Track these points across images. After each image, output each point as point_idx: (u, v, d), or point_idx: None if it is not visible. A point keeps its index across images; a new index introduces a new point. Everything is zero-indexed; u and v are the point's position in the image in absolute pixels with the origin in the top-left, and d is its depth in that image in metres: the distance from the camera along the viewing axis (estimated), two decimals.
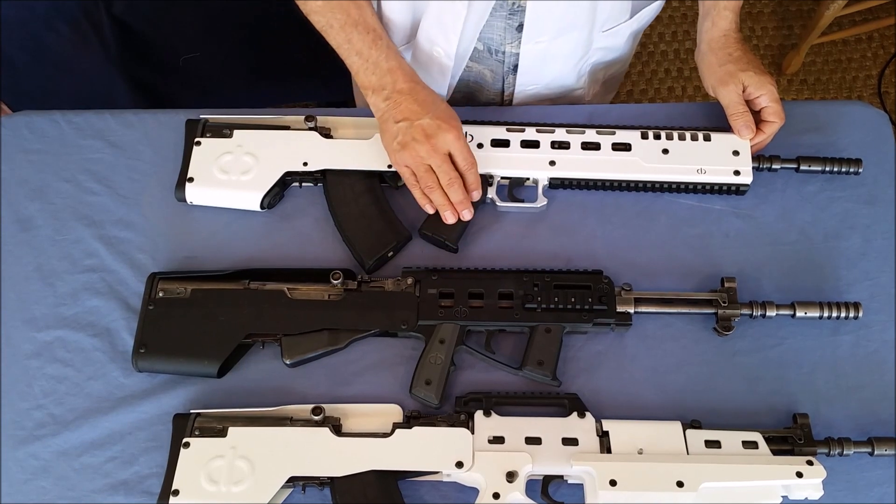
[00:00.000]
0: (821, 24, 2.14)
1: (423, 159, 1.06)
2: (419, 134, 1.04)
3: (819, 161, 1.16)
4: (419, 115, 1.05)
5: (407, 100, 1.05)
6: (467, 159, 1.07)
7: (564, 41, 1.20)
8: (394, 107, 1.06)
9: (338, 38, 1.07)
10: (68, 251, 1.15)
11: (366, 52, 1.06)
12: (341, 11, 1.05)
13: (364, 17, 1.06)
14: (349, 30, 1.06)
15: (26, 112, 1.26)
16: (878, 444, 0.99)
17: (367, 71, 1.07)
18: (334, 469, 0.96)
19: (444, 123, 1.05)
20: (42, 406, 1.06)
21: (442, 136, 1.05)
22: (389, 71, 1.06)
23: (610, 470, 0.95)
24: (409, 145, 1.05)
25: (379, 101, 1.07)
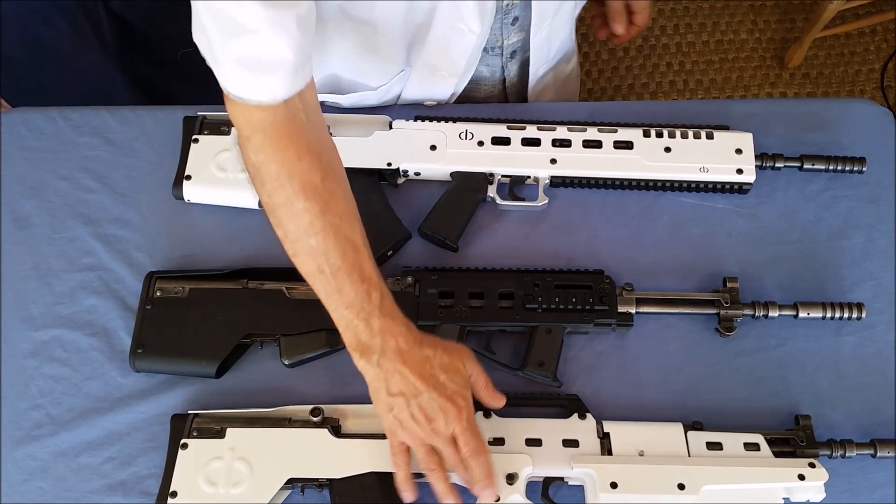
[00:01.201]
0: (823, 17, 2.12)
1: (423, 440, 0.91)
2: (418, 413, 0.89)
3: (822, 159, 1.15)
4: (417, 393, 0.89)
5: (402, 371, 0.89)
6: (470, 444, 0.90)
7: (562, 12, 1.19)
8: (386, 376, 0.90)
9: (327, 287, 0.90)
10: (65, 249, 1.14)
11: (357, 306, 0.89)
12: (338, 255, 0.89)
13: (360, 261, 0.90)
14: (342, 278, 0.89)
15: (23, 109, 1.25)
16: (880, 445, 0.98)
17: (356, 329, 0.90)
18: (333, 470, 0.96)
19: (446, 403, 0.89)
20: (39, 406, 1.05)
21: (443, 420, 0.90)
22: (381, 331, 0.90)
23: (611, 472, 0.95)
24: (408, 424, 0.90)
25: (368, 366, 0.91)
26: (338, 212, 0.90)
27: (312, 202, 0.88)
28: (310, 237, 0.89)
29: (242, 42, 0.84)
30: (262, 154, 0.88)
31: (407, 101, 1.22)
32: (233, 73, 0.86)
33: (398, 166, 1.14)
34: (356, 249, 0.91)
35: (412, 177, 1.16)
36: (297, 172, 0.88)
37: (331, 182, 0.91)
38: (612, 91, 2.30)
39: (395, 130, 1.16)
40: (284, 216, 0.89)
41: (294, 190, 0.88)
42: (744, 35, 2.36)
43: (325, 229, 0.88)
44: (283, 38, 0.84)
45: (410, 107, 1.22)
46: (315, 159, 0.89)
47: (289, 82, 0.87)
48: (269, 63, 0.85)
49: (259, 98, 0.86)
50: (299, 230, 0.89)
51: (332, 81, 1.20)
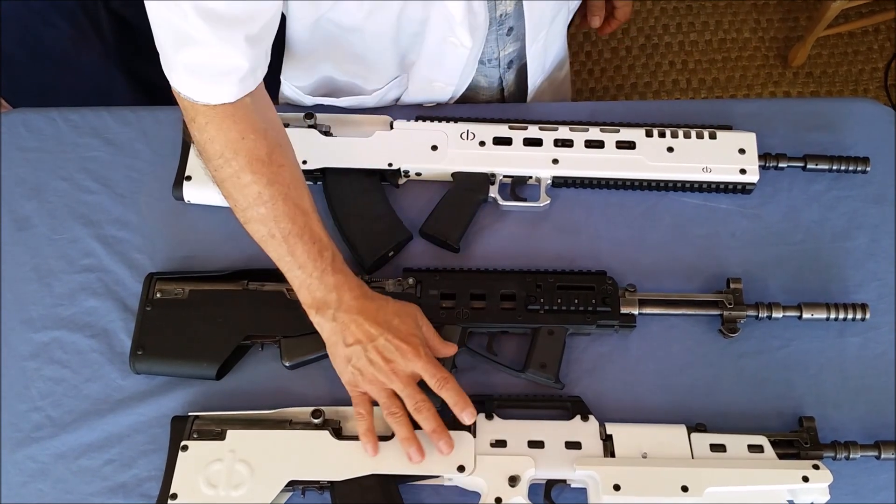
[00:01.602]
0: (827, 16, 2.12)
1: (384, 384, 0.94)
2: (376, 357, 0.93)
3: (826, 159, 1.14)
4: (373, 337, 0.93)
5: (356, 319, 0.94)
6: (436, 376, 0.94)
7: (557, 22, 1.19)
8: (342, 328, 0.94)
9: (279, 250, 0.94)
10: (65, 251, 1.14)
11: (310, 266, 0.94)
12: (287, 220, 0.93)
13: (310, 224, 0.94)
14: (293, 241, 0.93)
15: (23, 109, 1.24)
16: (884, 447, 0.98)
17: (310, 287, 0.95)
18: (334, 473, 0.95)
19: (403, 343, 0.93)
20: (39, 408, 1.05)
21: (402, 359, 0.93)
22: (335, 286, 0.94)
23: (613, 474, 0.94)
24: (366, 371, 0.94)
25: (324, 321, 0.95)
26: (284, 181, 0.93)
27: (259, 174, 0.92)
28: (259, 206, 0.93)
29: (191, 52, 0.87)
30: (206, 134, 0.92)
31: (406, 103, 1.22)
32: (182, 77, 0.89)
33: (399, 166, 1.14)
34: (305, 213, 0.95)
35: (413, 177, 1.16)
36: (241, 149, 0.91)
37: (277, 155, 0.94)
38: (615, 90, 2.29)
39: (397, 131, 1.15)
40: (232, 188, 0.93)
41: (240, 165, 0.91)
42: (747, 34, 2.35)
43: (274, 197, 0.92)
44: (232, 51, 0.88)
45: (411, 107, 1.21)
46: (260, 136, 0.92)
47: (237, 88, 0.90)
48: (218, 72, 0.88)
49: (207, 101, 0.89)
50: (248, 200, 0.93)
51: (328, 83, 1.19)
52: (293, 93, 1.22)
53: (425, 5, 1.03)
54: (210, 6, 0.84)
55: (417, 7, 1.03)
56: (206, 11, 0.84)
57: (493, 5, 1.08)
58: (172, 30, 0.87)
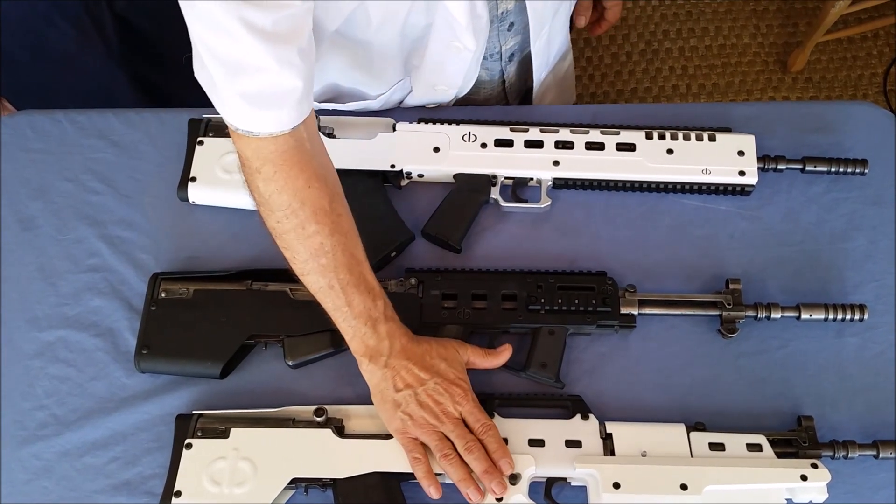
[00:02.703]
0: (826, 21, 2.13)
1: (435, 427, 0.94)
2: (427, 400, 0.94)
3: (825, 161, 1.15)
4: (423, 381, 0.95)
5: (407, 366, 0.95)
6: (480, 421, 0.95)
7: (559, 15, 1.20)
8: (393, 374, 0.95)
9: (337, 302, 0.94)
10: (70, 251, 1.14)
11: (364, 316, 0.94)
12: (345, 271, 0.93)
13: (364, 274, 0.95)
14: (351, 291, 0.94)
15: (28, 111, 1.25)
16: (882, 447, 0.98)
17: (364, 336, 0.95)
18: (337, 470, 0.96)
19: (452, 386, 0.95)
20: (44, 406, 1.06)
21: (451, 402, 0.95)
22: (388, 335, 0.95)
23: (613, 472, 0.95)
24: (417, 414, 0.94)
25: (376, 368, 0.96)
26: (344, 230, 0.94)
27: (322, 225, 0.92)
28: (320, 257, 0.92)
29: (248, 79, 0.85)
30: (273, 185, 0.90)
31: (408, 106, 1.23)
32: (239, 108, 0.87)
33: (401, 168, 1.15)
34: (360, 263, 0.95)
35: (415, 179, 1.17)
36: (307, 199, 0.91)
37: (337, 204, 0.94)
38: (615, 95, 2.30)
39: (399, 133, 1.16)
40: (295, 240, 0.93)
41: (306, 216, 0.91)
42: (746, 39, 2.36)
43: (335, 248, 0.93)
44: (289, 71, 0.86)
45: (414, 109, 1.22)
46: (322, 184, 0.92)
47: (296, 112, 0.88)
48: (276, 96, 0.86)
49: (269, 130, 0.88)
50: (309, 251, 0.93)
51: (332, 89, 1.20)
52: None
53: (429, 11, 1.03)
54: (260, 26, 0.81)
55: (421, 14, 1.04)
56: (259, 31, 0.81)
57: (495, 4, 1.09)
58: (224, 58, 0.84)
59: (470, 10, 1.02)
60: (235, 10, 0.80)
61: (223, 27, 0.81)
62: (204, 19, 0.82)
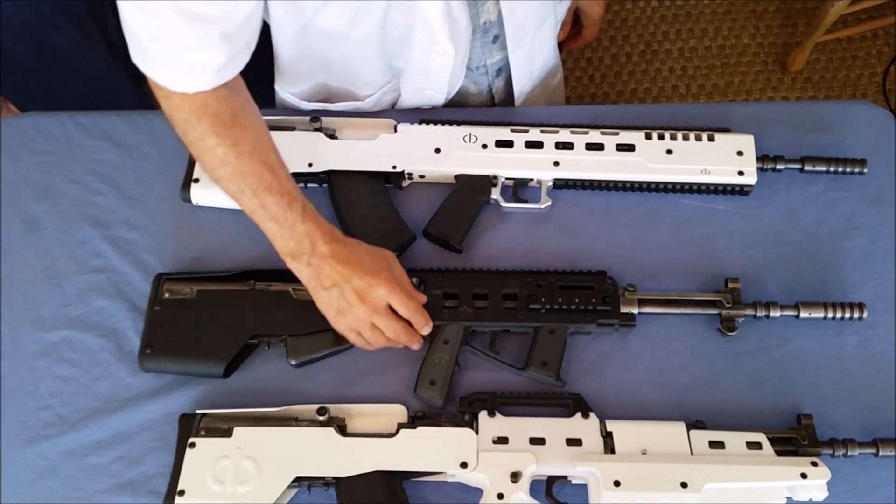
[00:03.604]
0: (825, 21, 2.13)
1: (364, 320, 1.00)
2: (353, 297, 0.99)
3: (823, 161, 1.16)
4: (347, 279, 0.99)
5: (329, 263, 0.99)
6: (407, 305, 1.01)
7: (543, 31, 1.20)
8: (318, 273, 1.00)
9: (251, 204, 0.99)
10: (75, 252, 1.15)
11: (281, 217, 0.98)
12: (253, 177, 0.98)
13: (278, 179, 0.99)
14: (262, 194, 0.98)
15: (32, 113, 1.26)
16: (882, 445, 0.99)
17: (283, 237, 0.99)
18: (339, 469, 0.97)
19: (373, 279, 0.99)
20: (49, 406, 1.06)
21: (375, 294, 0.99)
22: (307, 234, 0.99)
23: (614, 470, 0.95)
24: (347, 311, 1.00)
25: (301, 267, 1.00)
26: (249, 141, 0.98)
27: (223, 137, 0.96)
28: (226, 165, 0.97)
29: (166, 45, 0.92)
30: (172, 101, 0.96)
31: (401, 108, 1.23)
32: (159, 68, 0.94)
33: (403, 169, 1.15)
34: (272, 170, 0.99)
35: (417, 179, 1.18)
36: (204, 115, 0.96)
37: (241, 118, 0.98)
38: (615, 96, 2.30)
39: (401, 134, 1.17)
40: (198, 151, 0.99)
41: (204, 129, 0.96)
42: (745, 40, 2.36)
43: (239, 157, 0.97)
44: (207, 46, 0.92)
45: (414, 111, 1.23)
46: (223, 102, 0.96)
47: (212, 78, 0.95)
48: (193, 63, 0.93)
49: (184, 89, 0.94)
50: (214, 161, 0.98)
51: (322, 89, 1.21)
52: (289, 98, 1.23)
53: (409, 12, 1.04)
54: (186, 6, 0.88)
55: (400, 14, 1.04)
56: (182, 10, 0.88)
57: (476, 13, 1.10)
58: (147, 26, 0.91)
59: (445, 12, 1.03)
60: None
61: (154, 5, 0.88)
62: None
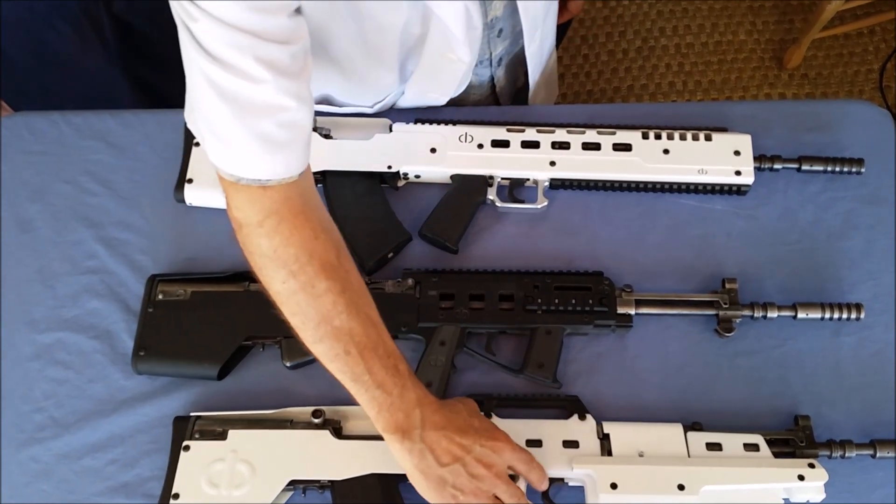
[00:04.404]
0: (822, 18, 2.12)
1: (488, 492, 0.87)
2: (477, 469, 0.86)
3: (821, 161, 1.15)
4: (468, 449, 0.86)
5: (447, 436, 0.86)
6: (525, 461, 0.90)
7: (549, 17, 1.20)
8: (433, 448, 0.86)
9: (356, 370, 0.84)
10: (68, 253, 1.15)
11: (389, 384, 0.85)
12: (362, 333, 0.84)
13: (383, 337, 0.86)
14: (369, 356, 0.84)
15: (26, 113, 1.25)
16: (880, 446, 0.99)
17: (391, 407, 0.85)
18: (335, 472, 0.96)
19: (495, 443, 0.88)
20: (43, 409, 1.06)
21: (500, 459, 0.88)
22: (417, 403, 0.86)
23: (611, 473, 0.95)
24: (470, 485, 0.86)
25: (412, 445, 0.86)
26: (355, 289, 0.86)
27: (333, 281, 0.83)
28: (333, 318, 0.84)
29: (268, 119, 0.78)
30: (279, 237, 0.82)
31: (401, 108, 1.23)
32: (250, 153, 0.79)
33: (398, 169, 1.15)
34: (376, 325, 0.87)
35: (412, 179, 1.17)
36: (315, 252, 0.83)
37: (345, 259, 0.87)
38: (612, 92, 2.30)
39: (396, 133, 1.16)
40: (305, 300, 0.84)
41: (315, 270, 0.83)
42: (742, 36, 2.36)
43: (348, 308, 0.84)
44: (306, 107, 0.80)
45: (410, 110, 1.22)
46: (328, 237, 0.85)
47: (304, 154, 0.83)
48: (293, 135, 0.80)
49: (280, 175, 0.80)
50: (322, 312, 0.84)
51: (325, 99, 1.20)
52: None
53: (424, 22, 1.03)
54: (279, 61, 0.75)
55: (417, 25, 1.03)
56: (278, 68, 0.75)
57: (485, 12, 1.08)
58: (237, 98, 0.76)
59: (466, 21, 1.01)
60: (250, 49, 0.73)
61: (238, 67, 0.74)
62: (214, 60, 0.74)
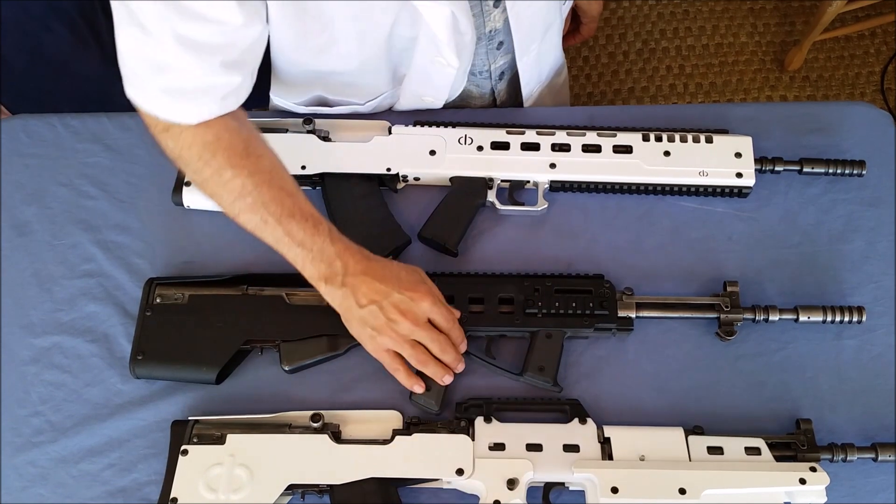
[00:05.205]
0: (823, 20, 2.12)
1: (407, 336, 0.97)
2: (394, 313, 0.96)
3: (822, 163, 1.15)
4: (386, 294, 0.96)
5: (365, 280, 0.96)
6: (447, 318, 0.99)
7: (550, 35, 1.19)
8: (353, 292, 0.96)
9: (276, 233, 0.96)
10: (65, 256, 1.14)
11: (308, 241, 0.96)
12: (275, 204, 0.95)
13: (299, 204, 0.96)
14: (286, 221, 0.95)
15: (23, 115, 1.25)
16: (881, 449, 0.98)
17: (313, 261, 0.96)
18: (334, 476, 0.96)
19: (414, 293, 0.96)
20: (40, 413, 1.05)
21: (418, 308, 0.96)
22: (338, 255, 0.96)
23: (612, 477, 0.95)
24: (385, 328, 0.96)
25: (334, 289, 0.97)
26: (266, 169, 0.96)
27: (240, 168, 0.94)
28: (245, 196, 0.95)
29: (168, 76, 0.90)
30: (182, 140, 0.95)
31: (399, 111, 1.22)
32: (161, 100, 0.92)
33: (398, 171, 1.14)
34: (291, 195, 0.97)
35: (412, 182, 1.16)
36: (218, 148, 0.94)
37: (253, 147, 0.97)
38: (612, 95, 2.30)
39: (395, 136, 1.16)
40: (215, 186, 0.96)
41: (220, 163, 0.94)
42: (743, 38, 2.36)
43: (259, 186, 0.95)
44: (210, 74, 0.91)
45: (410, 112, 1.22)
46: (234, 133, 0.95)
47: (217, 106, 0.94)
48: (196, 92, 0.92)
49: (187, 121, 0.93)
50: (233, 194, 0.95)
51: (320, 100, 1.20)
52: (283, 104, 1.22)
53: (414, 25, 1.03)
54: (188, 35, 0.87)
55: (406, 26, 1.03)
56: (185, 40, 0.87)
57: (482, 22, 1.08)
58: (148, 58, 0.90)
59: (452, 27, 1.01)
60: (169, 25, 0.86)
61: (154, 35, 0.87)
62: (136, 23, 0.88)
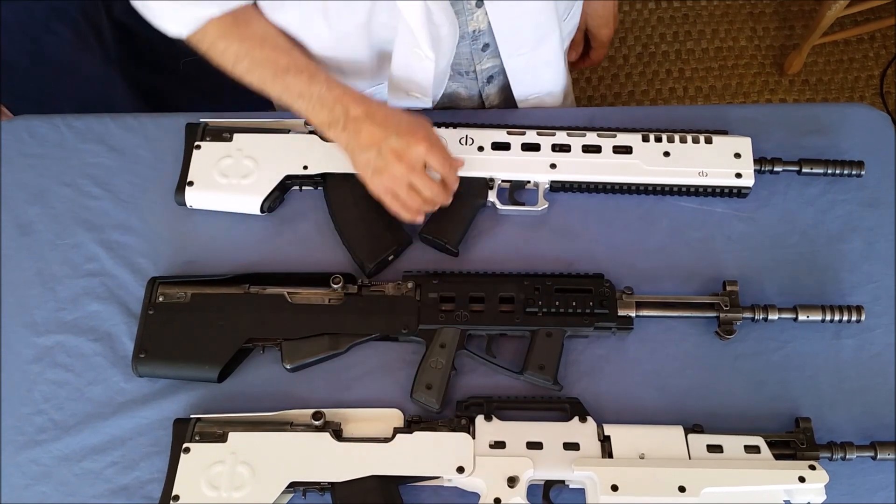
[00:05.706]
0: (822, 24, 2.13)
1: (402, 179, 1.02)
2: (390, 156, 1.00)
3: (821, 163, 1.15)
4: (384, 138, 1.00)
5: (366, 124, 1.01)
6: (444, 162, 1.04)
7: (546, 47, 1.18)
8: (355, 135, 1.02)
9: (276, 89, 1.04)
10: (68, 256, 1.15)
11: (306, 92, 1.02)
12: (269, 64, 1.03)
13: (294, 60, 1.03)
14: (282, 77, 1.02)
15: (26, 116, 1.25)
16: (880, 448, 0.99)
17: (314, 109, 1.03)
18: (335, 474, 0.96)
19: (411, 138, 1.00)
20: (43, 411, 1.06)
21: (413, 152, 1.00)
22: (337, 100, 1.02)
23: (611, 475, 0.95)
24: (384, 170, 1.02)
25: (338, 133, 1.03)
26: (257, 35, 1.04)
27: (230, 39, 1.03)
28: (241, 61, 1.03)
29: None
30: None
31: None
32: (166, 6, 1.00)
33: None
34: (287, 52, 1.04)
35: None
36: (209, 27, 1.02)
37: (242, 19, 1.03)
38: (613, 98, 2.30)
39: None
40: (215, 57, 1.05)
41: (212, 38, 1.03)
42: (743, 42, 2.36)
43: (252, 50, 1.03)
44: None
45: None
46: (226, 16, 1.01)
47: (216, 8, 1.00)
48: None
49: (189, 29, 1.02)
50: (231, 60, 1.04)
51: None
52: None
53: (392, 13, 1.03)
54: None
55: (386, 15, 1.04)
56: None
57: (465, 21, 1.09)
58: None
59: (425, 16, 1.02)
60: None
61: None
62: None
